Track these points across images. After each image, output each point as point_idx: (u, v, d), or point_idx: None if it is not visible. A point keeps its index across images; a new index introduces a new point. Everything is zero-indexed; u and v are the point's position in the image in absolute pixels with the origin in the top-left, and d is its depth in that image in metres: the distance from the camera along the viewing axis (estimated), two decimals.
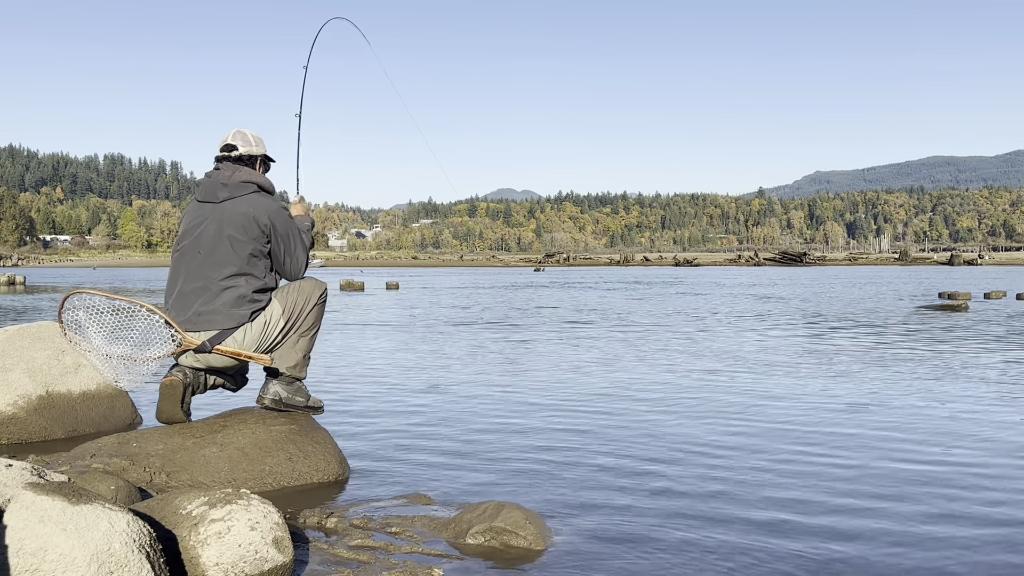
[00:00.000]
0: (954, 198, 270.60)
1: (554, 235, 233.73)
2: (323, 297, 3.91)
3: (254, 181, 3.79)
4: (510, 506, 2.89)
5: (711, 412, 5.09)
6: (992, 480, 3.59)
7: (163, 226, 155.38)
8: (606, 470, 3.74)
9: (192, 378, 3.76)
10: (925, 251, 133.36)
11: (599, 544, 2.81)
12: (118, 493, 2.74)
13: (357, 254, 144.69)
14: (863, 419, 4.88)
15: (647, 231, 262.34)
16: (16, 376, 4.18)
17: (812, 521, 3.04)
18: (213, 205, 3.76)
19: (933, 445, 4.22)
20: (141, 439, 3.53)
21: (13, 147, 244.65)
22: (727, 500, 3.29)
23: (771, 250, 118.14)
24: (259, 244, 3.73)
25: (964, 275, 38.03)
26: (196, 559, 2.25)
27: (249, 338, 3.70)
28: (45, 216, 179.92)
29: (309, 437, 3.64)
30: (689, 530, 2.94)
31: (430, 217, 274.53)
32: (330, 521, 2.96)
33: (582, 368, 7.12)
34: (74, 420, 4.25)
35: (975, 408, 5.23)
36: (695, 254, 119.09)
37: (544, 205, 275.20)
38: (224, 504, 2.35)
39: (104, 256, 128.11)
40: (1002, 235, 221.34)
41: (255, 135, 3.95)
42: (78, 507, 1.98)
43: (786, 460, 3.92)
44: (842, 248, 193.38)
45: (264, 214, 3.73)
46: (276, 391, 3.85)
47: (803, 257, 72.59)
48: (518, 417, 4.95)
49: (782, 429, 4.60)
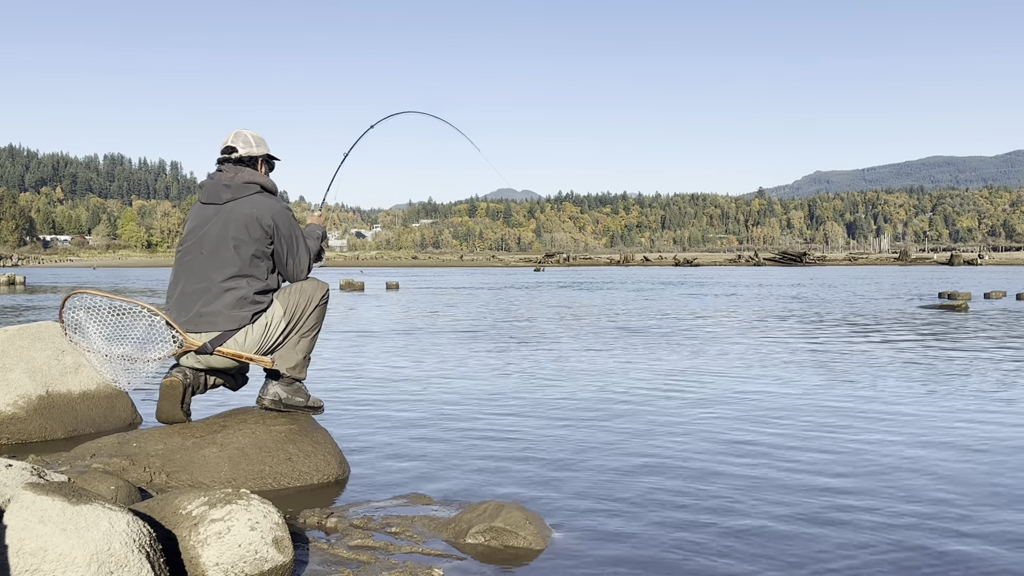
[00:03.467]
0: (954, 198, 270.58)
1: (554, 235, 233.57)
2: (325, 298, 3.92)
3: (257, 182, 3.80)
4: (510, 506, 2.89)
5: (711, 413, 5.09)
6: (992, 480, 3.59)
7: (163, 226, 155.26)
8: (606, 470, 3.74)
9: (192, 379, 3.76)
10: (925, 251, 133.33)
11: (599, 544, 2.81)
12: (118, 493, 2.74)
13: (357, 254, 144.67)
14: (864, 419, 4.88)
15: (647, 231, 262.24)
16: (16, 376, 4.18)
17: (813, 522, 3.04)
18: (217, 206, 3.76)
19: (934, 445, 4.22)
20: (141, 439, 3.53)
21: (13, 147, 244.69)
22: (727, 501, 3.29)
23: (771, 250, 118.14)
24: (262, 245, 3.74)
25: (964, 275, 38.03)
26: (196, 559, 2.25)
27: (250, 340, 3.70)
28: (45, 216, 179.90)
29: (309, 437, 3.65)
30: (689, 530, 2.94)
31: (430, 217, 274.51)
32: (330, 521, 2.96)
33: (582, 368, 7.12)
34: (74, 420, 4.25)
35: (975, 408, 5.23)
36: (695, 254, 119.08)
37: (544, 205, 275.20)
38: (224, 504, 2.35)
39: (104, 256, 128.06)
40: (1002, 235, 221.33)
41: (255, 135, 3.94)
42: (78, 507, 1.98)
43: (786, 460, 3.92)
44: (842, 248, 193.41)
45: (267, 214, 3.73)
46: (276, 391, 3.85)
47: (803, 257, 72.60)
48: (518, 417, 4.95)
49: (782, 430, 4.60)
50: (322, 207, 4.64)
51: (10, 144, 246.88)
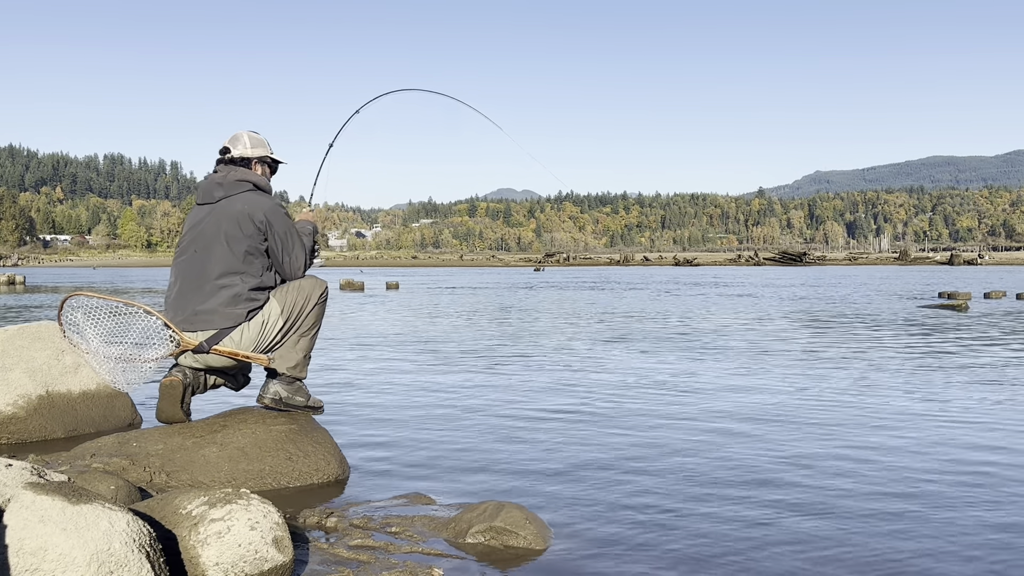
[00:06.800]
0: (954, 198, 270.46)
1: (554, 235, 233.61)
2: (324, 296, 3.91)
3: (249, 180, 3.82)
4: (510, 506, 2.89)
5: (712, 413, 5.09)
6: (991, 480, 3.59)
7: (163, 226, 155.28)
8: (606, 470, 3.74)
9: (192, 378, 3.76)
10: (925, 251, 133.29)
11: (599, 544, 2.81)
12: (118, 493, 2.74)
13: (357, 254, 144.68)
14: (864, 421, 4.88)
15: (647, 231, 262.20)
16: (16, 376, 4.18)
17: (813, 522, 3.04)
18: (210, 205, 3.79)
19: (933, 445, 4.22)
20: (141, 439, 3.53)
21: (13, 147, 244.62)
22: (727, 501, 3.29)
23: (771, 250, 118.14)
24: (255, 242, 3.74)
25: (964, 275, 38.02)
26: (196, 559, 2.25)
27: (247, 338, 3.69)
28: (45, 216, 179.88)
29: (309, 437, 3.64)
30: (689, 530, 2.94)
31: (430, 217, 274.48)
32: (330, 521, 2.96)
33: (582, 369, 7.12)
34: (74, 420, 4.25)
35: (974, 408, 5.23)
36: (695, 254, 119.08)
37: (544, 205, 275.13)
38: (224, 504, 2.35)
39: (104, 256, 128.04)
40: (1002, 235, 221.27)
41: (255, 137, 3.96)
42: (78, 507, 1.98)
43: (786, 461, 3.91)
44: (842, 248, 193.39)
45: (259, 211, 3.74)
46: (276, 391, 3.85)
47: (803, 257, 72.61)
48: (518, 417, 4.95)
49: (782, 430, 4.59)
50: (311, 202, 4.68)
51: (10, 144, 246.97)
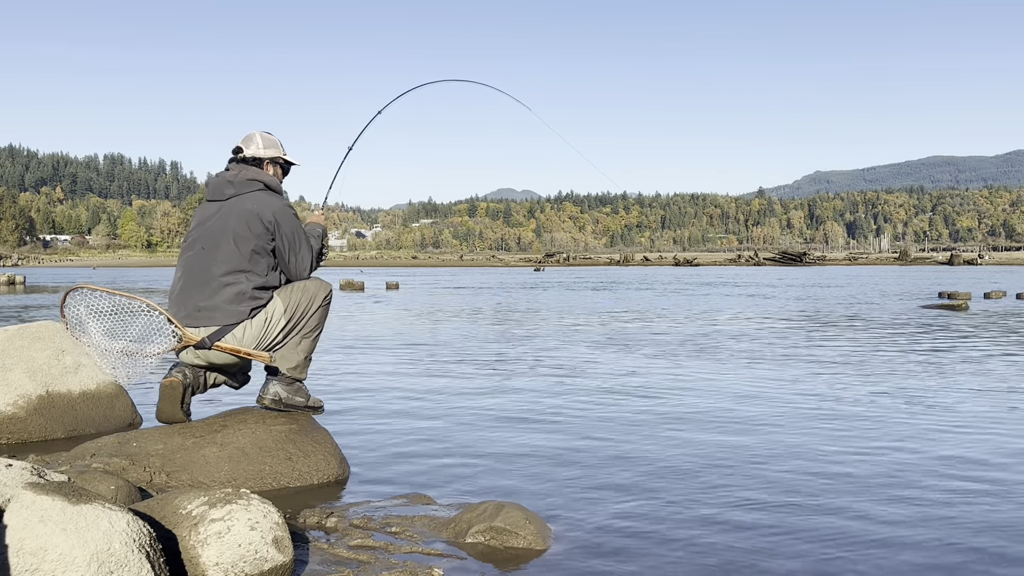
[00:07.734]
0: (954, 198, 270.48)
1: (554, 235, 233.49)
2: (327, 299, 3.92)
3: (259, 179, 3.84)
4: (510, 506, 2.89)
5: (713, 413, 5.09)
6: (991, 480, 3.59)
7: (163, 226, 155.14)
8: (606, 470, 3.74)
9: (192, 378, 3.77)
10: (925, 251, 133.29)
11: (599, 544, 2.81)
12: (118, 493, 2.74)
13: (357, 254, 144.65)
14: (865, 420, 4.88)
15: (647, 231, 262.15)
16: (16, 376, 4.18)
17: (814, 522, 3.04)
18: (219, 203, 3.81)
19: (933, 446, 4.23)
20: (141, 439, 3.53)
21: (13, 147, 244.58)
22: (728, 501, 3.29)
23: (771, 250, 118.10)
24: (262, 241, 3.75)
25: (964, 275, 38.02)
26: (196, 559, 2.25)
27: (249, 335, 3.70)
28: (45, 216, 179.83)
29: (309, 437, 3.65)
30: (689, 531, 2.94)
31: (430, 217, 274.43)
32: (330, 521, 2.96)
33: (582, 369, 7.12)
34: (74, 420, 4.25)
35: (974, 408, 5.23)
36: (695, 254, 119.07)
37: (544, 205, 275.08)
38: (224, 504, 2.35)
39: (104, 256, 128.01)
40: (1002, 235, 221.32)
41: (268, 137, 3.99)
42: (78, 507, 1.98)
43: (787, 461, 3.92)
44: (842, 248, 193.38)
45: (268, 211, 3.75)
46: (276, 391, 3.85)
47: (803, 257, 72.59)
48: (518, 417, 4.95)
49: (783, 430, 4.60)
50: (324, 205, 4.70)
51: (10, 144, 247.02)
